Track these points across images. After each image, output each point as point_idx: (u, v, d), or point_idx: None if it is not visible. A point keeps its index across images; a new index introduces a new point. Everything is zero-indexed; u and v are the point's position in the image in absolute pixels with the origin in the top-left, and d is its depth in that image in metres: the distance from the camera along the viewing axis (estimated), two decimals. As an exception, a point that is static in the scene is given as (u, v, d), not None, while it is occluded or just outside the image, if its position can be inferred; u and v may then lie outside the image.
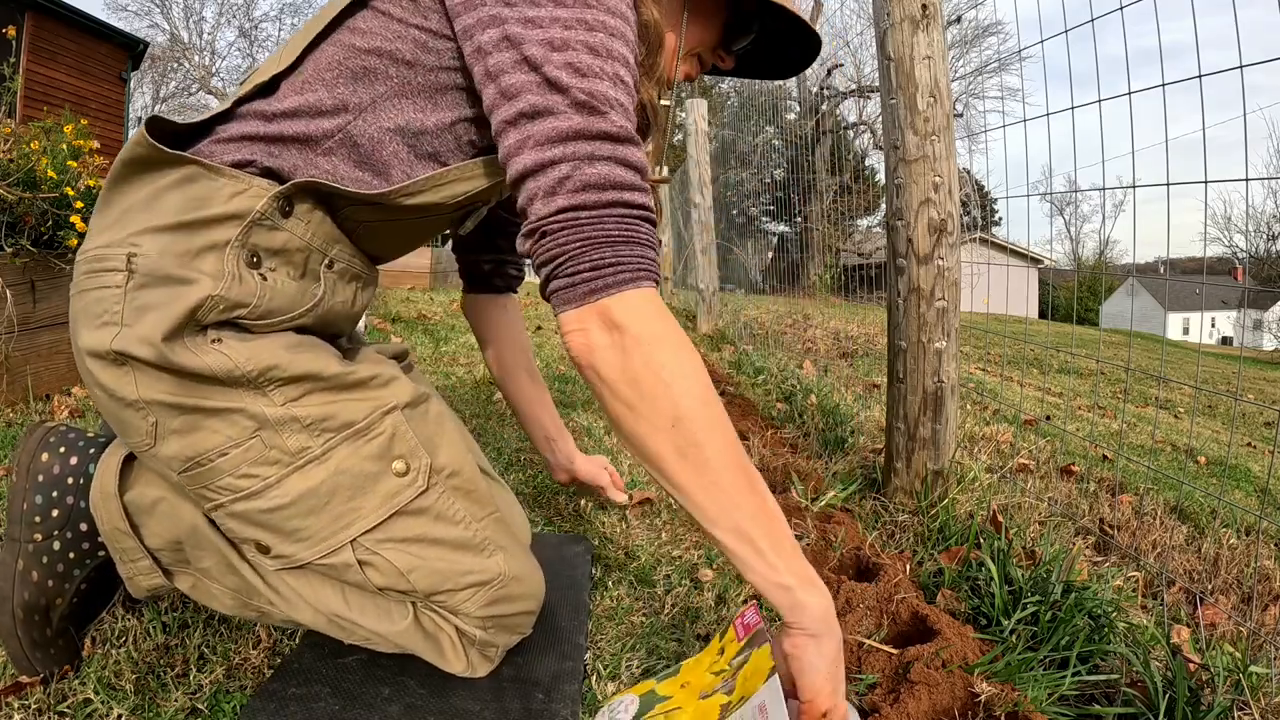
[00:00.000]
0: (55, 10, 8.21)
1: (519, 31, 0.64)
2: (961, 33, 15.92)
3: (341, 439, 0.74)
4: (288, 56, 0.74)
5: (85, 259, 0.71)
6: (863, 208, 13.79)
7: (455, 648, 0.82)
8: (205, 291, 0.68)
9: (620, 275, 0.63)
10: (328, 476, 0.73)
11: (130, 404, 0.69)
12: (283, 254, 0.74)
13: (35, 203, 1.71)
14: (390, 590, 0.79)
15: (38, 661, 0.78)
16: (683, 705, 0.75)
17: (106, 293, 0.68)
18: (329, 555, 0.75)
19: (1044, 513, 1.48)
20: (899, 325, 1.39)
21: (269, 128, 0.73)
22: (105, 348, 0.67)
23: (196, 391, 0.70)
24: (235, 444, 0.71)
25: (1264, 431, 4.64)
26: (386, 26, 0.72)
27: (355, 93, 0.73)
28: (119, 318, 0.68)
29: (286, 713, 0.76)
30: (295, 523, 0.74)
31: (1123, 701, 0.87)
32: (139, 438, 0.71)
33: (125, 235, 0.69)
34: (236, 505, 0.73)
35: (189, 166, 0.70)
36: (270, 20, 33.51)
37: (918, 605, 0.98)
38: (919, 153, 1.31)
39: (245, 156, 0.72)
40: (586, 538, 1.23)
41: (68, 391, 1.88)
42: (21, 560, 0.78)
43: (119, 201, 0.72)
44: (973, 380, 3.48)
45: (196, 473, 0.72)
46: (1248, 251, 31.06)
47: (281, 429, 0.72)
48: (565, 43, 0.64)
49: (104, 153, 2.02)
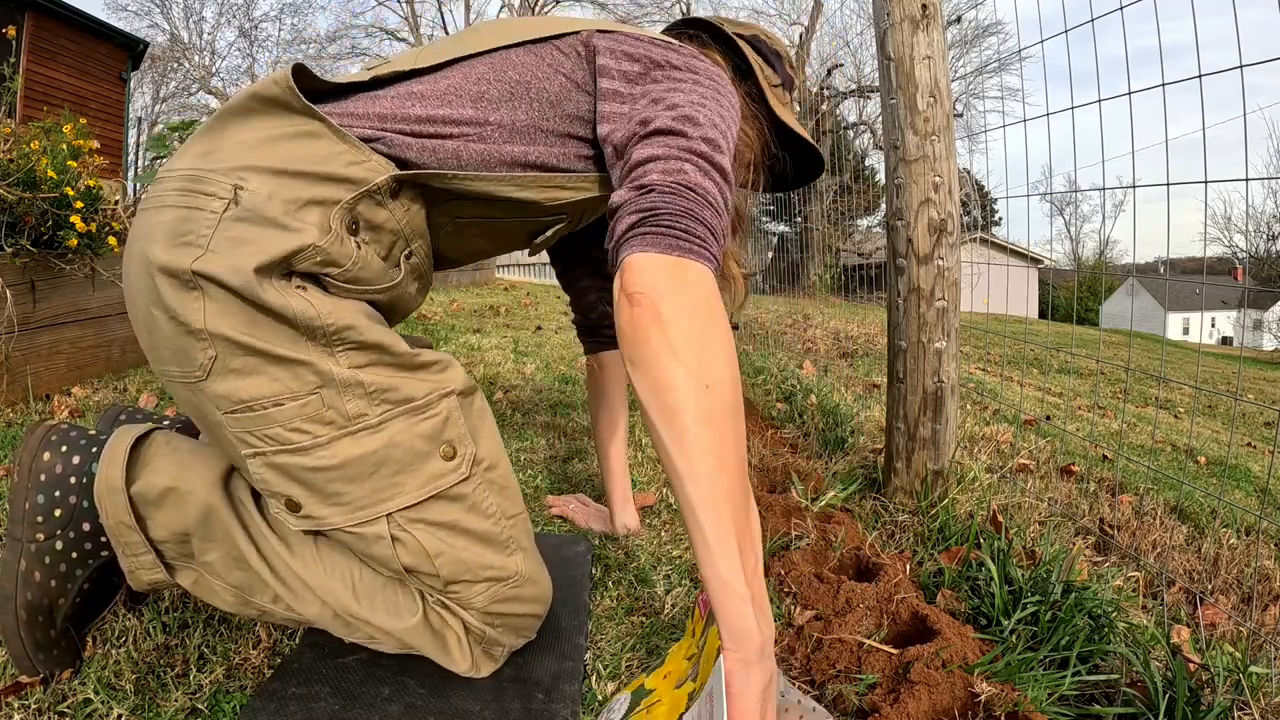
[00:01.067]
0: (55, 10, 8.21)
1: (664, 97, 0.78)
2: (961, 33, 15.92)
3: (399, 413, 0.75)
4: (431, 56, 0.82)
5: (177, 176, 0.71)
6: (863, 208, 13.79)
7: (461, 646, 0.82)
8: (310, 240, 0.70)
9: (706, 250, 0.67)
10: (379, 447, 0.74)
11: (192, 332, 0.68)
12: (378, 231, 0.78)
13: (35, 203, 1.71)
14: (416, 571, 0.78)
15: (40, 663, 0.78)
16: (662, 698, 0.76)
17: (199, 215, 0.69)
18: (362, 525, 0.75)
19: (1044, 513, 1.48)
20: (899, 325, 1.39)
21: (404, 113, 0.78)
22: (184, 267, 0.67)
23: (267, 335, 0.70)
24: (293, 396, 0.71)
25: (1264, 431, 4.64)
26: (538, 66, 0.83)
27: (496, 111, 0.80)
28: (205, 242, 0.68)
29: (287, 712, 0.76)
30: (336, 486, 0.74)
31: (1123, 701, 0.87)
32: (189, 368, 0.70)
33: (232, 167, 0.71)
34: (279, 458, 0.72)
35: (317, 123, 0.73)
36: (270, 20, 33.61)
37: (918, 605, 0.98)
38: (919, 153, 1.31)
39: (374, 134, 0.76)
40: (586, 538, 1.23)
41: (68, 391, 1.88)
42: (24, 561, 0.78)
43: (231, 133, 0.74)
44: (973, 380, 3.48)
45: (245, 416, 0.71)
46: (1248, 251, 31.06)
47: (344, 391, 0.72)
48: (700, 113, 0.76)
49: (104, 153, 2.02)
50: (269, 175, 0.71)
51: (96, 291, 2.00)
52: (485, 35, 0.84)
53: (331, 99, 0.78)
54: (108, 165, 2.76)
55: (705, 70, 0.83)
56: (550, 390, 2.39)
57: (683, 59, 0.83)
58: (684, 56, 0.84)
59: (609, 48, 0.83)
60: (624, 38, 0.85)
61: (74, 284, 1.91)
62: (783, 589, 1.08)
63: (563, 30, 0.86)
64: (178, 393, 0.75)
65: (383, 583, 0.81)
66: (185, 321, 0.68)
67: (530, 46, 0.84)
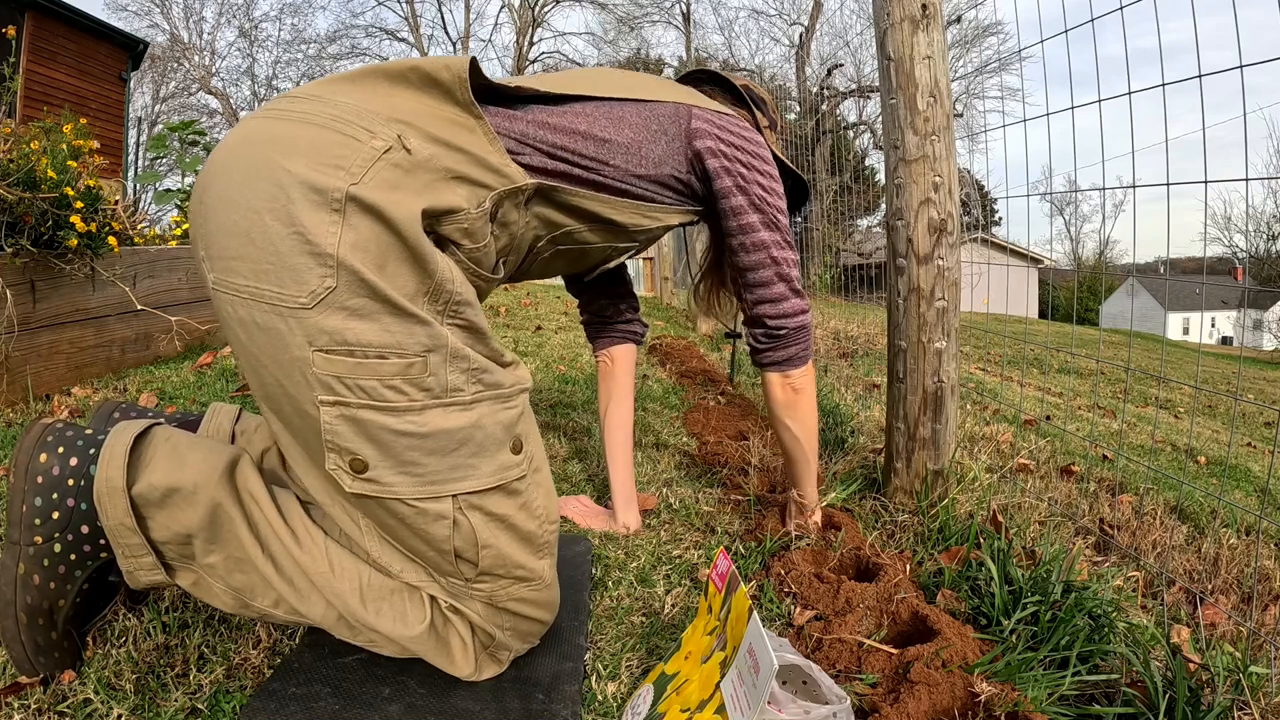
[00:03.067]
0: (55, 10, 8.20)
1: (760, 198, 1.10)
2: (961, 33, 15.90)
3: (489, 396, 0.77)
4: (556, 86, 0.94)
5: (328, 103, 0.73)
6: (863, 208, 13.78)
7: (465, 650, 0.82)
8: (462, 204, 0.77)
9: (808, 358, 1.18)
10: (466, 425, 0.74)
11: (318, 254, 0.66)
12: (506, 228, 0.86)
13: (35, 203, 1.71)
14: (460, 557, 0.78)
15: (41, 665, 0.77)
16: (689, 676, 0.77)
17: (359, 146, 0.70)
18: (426, 500, 0.74)
19: (1044, 513, 1.48)
20: (899, 325, 1.39)
21: (540, 137, 0.88)
22: (337, 187, 0.67)
23: (396, 282, 0.69)
24: (400, 353, 0.70)
25: (1264, 431, 4.64)
26: (646, 128, 1.00)
27: (613, 159, 0.95)
28: (360, 173, 0.68)
29: (286, 712, 0.76)
30: (414, 455, 0.73)
31: (1123, 701, 0.87)
32: (293, 291, 0.67)
33: (392, 118, 0.74)
34: (365, 413, 0.70)
35: (473, 120, 0.81)
36: (270, 20, 33.59)
37: (918, 605, 0.98)
38: (919, 153, 1.31)
39: (517, 148, 0.86)
40: (587, 538, 1.23)
41: (68, 391, 1.88)
42: (23, 564, 0.77)
43: (383, 91, 0.78)
44: (973, 380, 3.48)
45: (343, 360, 0.69)
46: (1248, 251, 31.04)
47: (450, 361, 0.73)
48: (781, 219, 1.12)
49: (104, 153, 2.01)
50: (429, 140, 0.75)
51: (96, 291, 2.00)
52: (600, 84, 0.99)
53: (485, 97, 0.86)
54: (108, 165, 2.76)
55: (759, 145, 1.11)
56: (550, 390, 2.39)
57: (755, 145, 1.10)
58: (754, 140, 1.10)
59: (710, 149, 1.05)
60: (719, 128, 1.06)
61: (74, 284, 1.91)
62: (783, 589, 1.08)
63: (662, 98, 1.04)
64: (252, 314, 0.69)
65: (390, 589, 0.81)
66: (313, 241, 0.66)
67: (639, 105, 1.00)
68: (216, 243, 0.70)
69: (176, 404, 1.87)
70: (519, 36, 22.23)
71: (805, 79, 18.20)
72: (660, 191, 1.04)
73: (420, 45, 22.20)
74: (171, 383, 2.04)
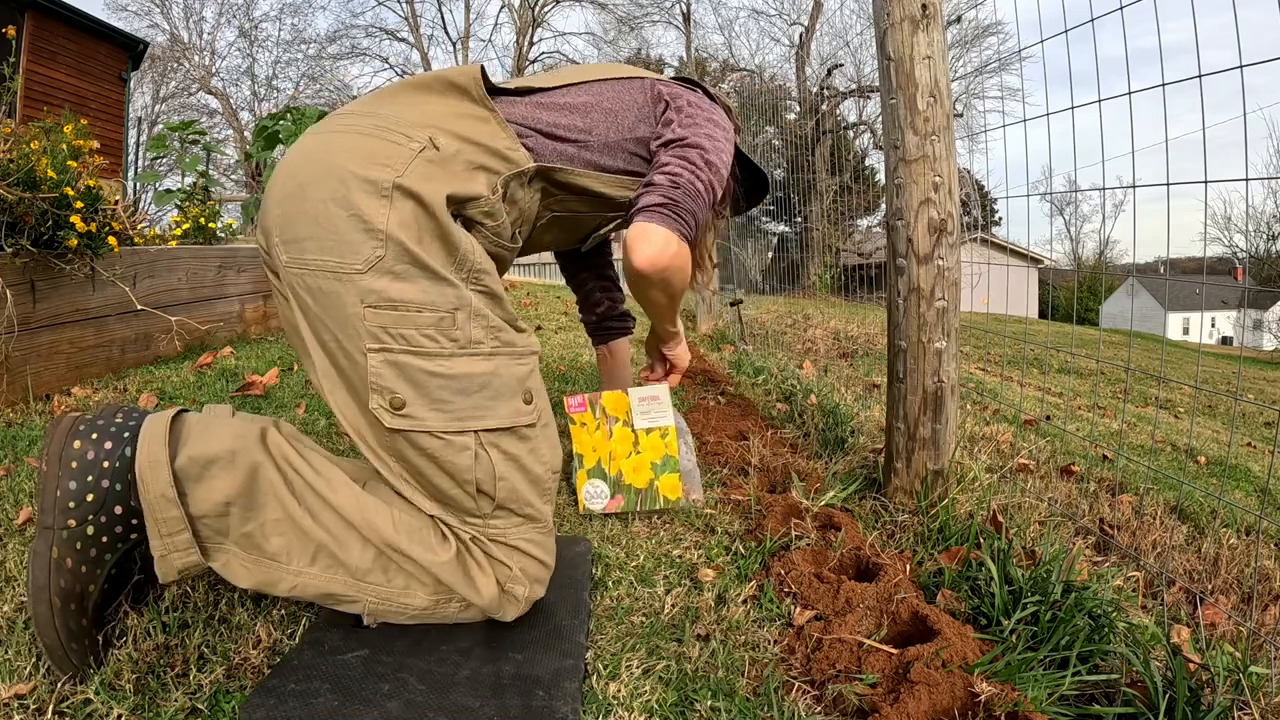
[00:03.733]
0: (55, 10, 8.20)
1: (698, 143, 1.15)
2: (961, 33, 15.89)
3: (504, 351, 0.92)
4: (550, 80, 1.11)
5: (371, 116, 0.93)
6: (863, 208, 13.78)
7: (487, 579, 0.91)
8: (483, 191, 0.94)
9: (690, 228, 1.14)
10: (486, 372, 0.89)
11: (371, 230, 0.83)
12: (515, 205, 1.03)
13: (35, 203, 1.71)
14: (480, 489, 0.90)
15: (74, 652, 0.78)
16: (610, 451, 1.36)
17: (400, 149, 0.88)
18: (453, 434, 0.87)
19: (1044, 513, 1.48)
20: (899, 325, 1.39)
21: (536, 117, 1.04)
22: (385, 180, 0.84)
23: (430, 252, 0.86)
24: (434, 309, 0.86)
25: (1264, 431, 4.64)
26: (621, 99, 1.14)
27: (596, 128, 1.10)
28: (402, 169, 0.86)
29: (286, 709, 0.76)
30: (444, 394, 0.87)
31: (1123, 701, 0.87)
32: (351, 259, 0.83)
33: (425, 123, 0.93)
34: (403, 357, 0.85)
35: (488, 112, 0.99)
36: (270, 20, 33.55)
37: (918, 605, 0.98)
38: (919, 153, 1.31)
39: (521, 131, 1.02)
40: (586, 538, 1.23)
41: (68, 391, 1.88)
42: (56, 548, 0.78)
43: (417, 101, 0.98)
44: (973, 380, 3.48)
45: (389, 313, 0.84)
46: (1248, 251, 31.02)
47: (474, 318, 0.89)
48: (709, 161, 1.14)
49: (104, 153, 2.01)
50: (454, 138, 0.93)
51: (96, 291, 2.00)
52: (581, 73, 1.16)
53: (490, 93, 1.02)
54: (108, 165, 2.76)
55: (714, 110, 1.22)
56: (550, 391, 2.39)
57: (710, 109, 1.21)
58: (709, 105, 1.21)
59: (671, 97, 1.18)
60: (677, 90, 1.20)
61: (74, 284, 1.91)
62: (783, 589, 1.08)
63: (637, 75, 1.20)
64: (319, 282, 0.85)
65: (419, 524, 0.90)
66: (368, 220, 0.83)
67: (615, 83, 1.16)
68: (290, 230, 0.87)
69: (177, 404, 1.87)
70: (519, 36, 22.24)
71: (805, 79, 18.20)
72: (635, 161, 1.15)
73: (420, 45, 22.20)
74: (171, 383, 2.04)
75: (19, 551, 1.05)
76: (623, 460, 1.36)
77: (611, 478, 1.36)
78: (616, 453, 1.36)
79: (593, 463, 1.36)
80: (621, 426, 1.37)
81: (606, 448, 1.36)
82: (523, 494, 0.92)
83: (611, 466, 1.36)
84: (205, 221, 3.12)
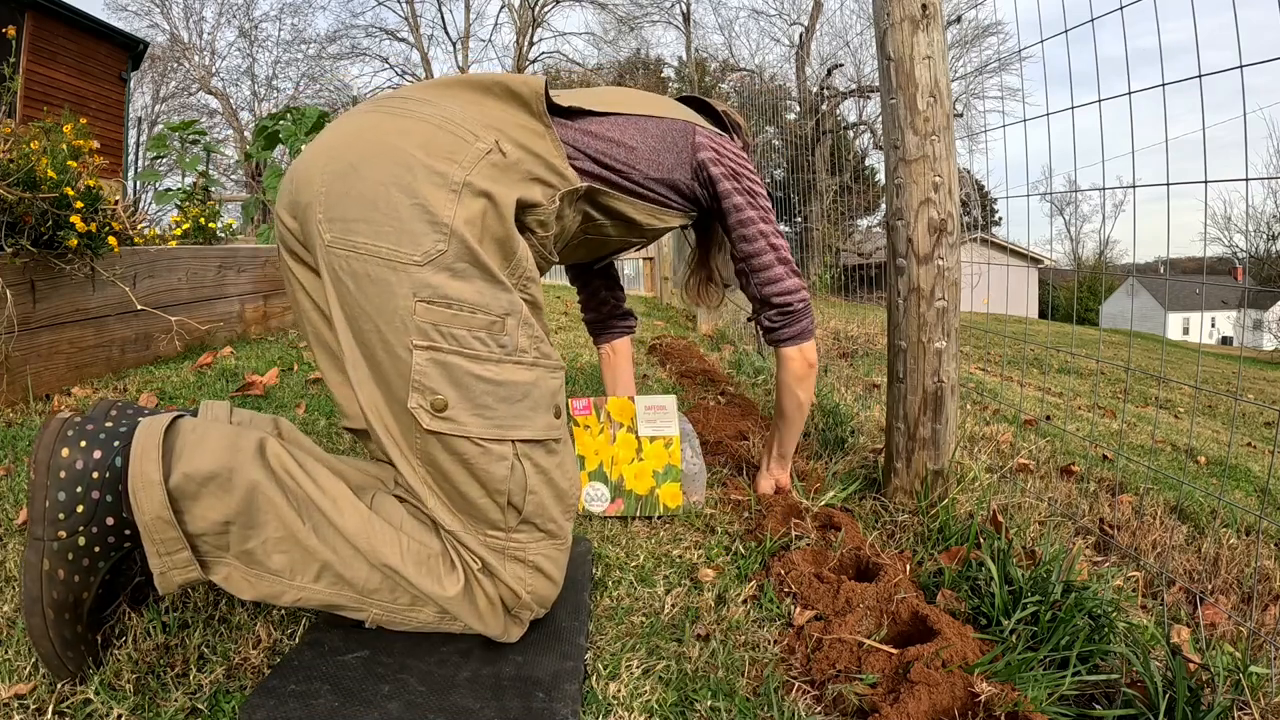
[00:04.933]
0: (55, 10, 8.20)
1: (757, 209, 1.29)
2: (961, 33, 15.88)
3: (545, 364, 0.91)
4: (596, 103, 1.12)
5: (444, 108, 0.90)
6: (863, 208, 13.78)
7: (495, 611, 0.88)
8: (541, 200, 0.96)
9: (814, 331, 1.34)
10: (529, 381, 0.88)
11: (435, 223, 0.82)
12: (561, 221, 1.04)
13: (35, 203, 1.71)
14: (509, 500, 0.87)
15: (69, 660, 0.77)
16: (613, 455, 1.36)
17: (467, 146, 0.87)
18: (493, 442, 0.85)
19: (1044, 513, 1.48)
20: (899, 325, 1.39)
21: (586, 144, 1.07)
22: (457, 176, 0.84)
23: (489, 253, 0.86)
24: (487, 311, 0.85)
25: (1264, 431, 4.64)
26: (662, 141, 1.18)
27: (639, 164, 1.14)
28: (470, 167, 0.85)
29: (286, 709, 0.76)
30: (488, 399, 0.85)
31: (1123, 701, 0.87)
32: (409, 250, 0.81)
33: (491, 127, 0.92)
34: (451, 358, 0.83)
35: (545, 129, 0.99)
36: (270, 20, 33.55)
37: (918, 605, 0.98)
38: (919, 153, 1.31)
39: (571, 153, 1.04)
40: (587, 538, 1.23)
41: (68, 391, 1.88)
42: (47, 560, 0.77)
43: (479, 102, 0.96)
44: (973, 380, 3.48)
45: (442, 311, 0.82)
46: (1248, 251, 31.01)
47: (522, 325, 0.88)
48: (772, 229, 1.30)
49: (104, 153, 2.01)
50: (517, 146, 0.93)
51: (96, 291, 2.00)
52: (626, 102, 1.18)
53: None
54: (108, 165, 2.76)
55: (746, 157, 1.31)
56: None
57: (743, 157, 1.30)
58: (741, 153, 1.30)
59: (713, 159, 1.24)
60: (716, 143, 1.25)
61: (74, 284, 1.91)
62: (783, 589, 1.08)
63: (680, 118, 1.22)
64: (366, 267, 0.82)
65: (426, 555, 0.87)
66: (434, 212, 0.82)
67: (656, 120, 1.18)
68: (338, 207, 0.83)
69: (176, 404, 1.87)
70: (519, 36, 22.24)
71: (805, 79, 18.18)
72: (669, 195, 1.21)
73: (420, 45, 22.20)
74: (171, 383, 2.04)
75: (19, 552, 1.05)
76: (625, 466, 1.37)
77: (613, 482, 1.37)
78: (619, 458, 1.37)
79: (594, 465, 1.38)
80: (625, 432, 1.38)
81: (609, 452, 1.38)
82: (549, 509, 0.90)
83: (613, 471, 1.37)
84: (205, 221, 3.12)
